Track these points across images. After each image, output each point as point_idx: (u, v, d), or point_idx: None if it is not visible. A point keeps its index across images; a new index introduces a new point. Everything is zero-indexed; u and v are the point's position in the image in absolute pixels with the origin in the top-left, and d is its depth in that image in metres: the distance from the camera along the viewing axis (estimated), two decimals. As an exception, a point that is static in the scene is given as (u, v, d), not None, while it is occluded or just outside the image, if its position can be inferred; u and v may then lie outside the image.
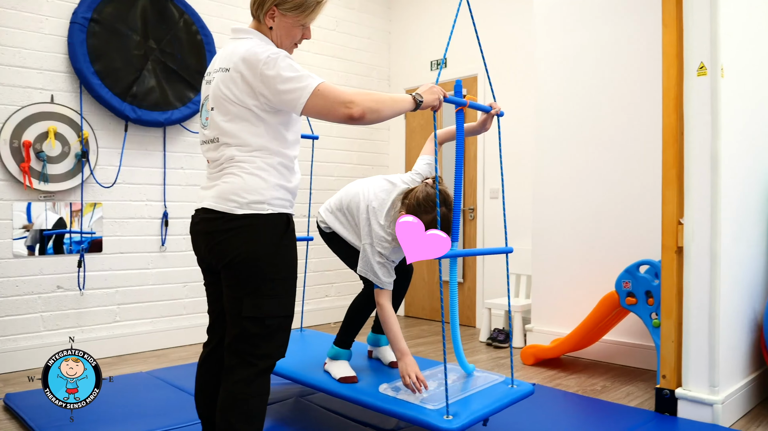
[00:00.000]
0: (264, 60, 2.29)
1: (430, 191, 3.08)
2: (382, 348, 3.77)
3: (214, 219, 2.40)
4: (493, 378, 3.32)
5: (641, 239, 4.79)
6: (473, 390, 3.12)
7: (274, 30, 2.49)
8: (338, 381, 3.33)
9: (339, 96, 2.32)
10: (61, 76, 5.06)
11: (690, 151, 3.64)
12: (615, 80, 5.00)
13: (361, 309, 3.53)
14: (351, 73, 7.22)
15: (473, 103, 3.05)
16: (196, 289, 5.83)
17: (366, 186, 3.37)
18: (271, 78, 2.28)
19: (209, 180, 2.50)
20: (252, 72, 2.31)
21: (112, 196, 5.32)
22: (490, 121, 3.33)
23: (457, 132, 3.13)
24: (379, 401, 3.03)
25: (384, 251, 3.19)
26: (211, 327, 2.71)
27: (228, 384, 2.42)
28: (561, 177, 5.33)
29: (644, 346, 4.83)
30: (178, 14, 5.60)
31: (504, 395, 3.10)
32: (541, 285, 5.47)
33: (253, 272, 2.37)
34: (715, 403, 3.51)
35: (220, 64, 2.44)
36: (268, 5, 2.45)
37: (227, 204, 2.36)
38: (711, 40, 3.55)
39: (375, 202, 3.26)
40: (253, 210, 2.35)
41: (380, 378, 3.40)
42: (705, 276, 3.58)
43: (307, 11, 2.49)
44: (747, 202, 3.92)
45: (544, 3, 5.51)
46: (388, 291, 3.25)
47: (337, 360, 3.48)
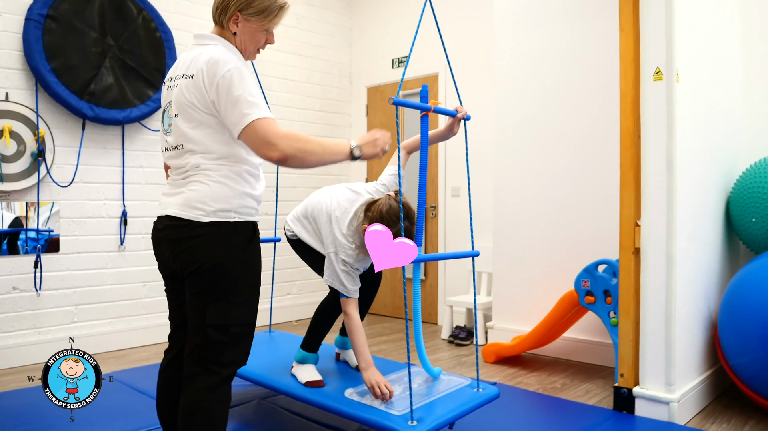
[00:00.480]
0: (223, 73, 2.28)
1: (394, 204, 3.11)
2: (349, 351, 3.81)
3: (179, 226, 2.38)
4: (458, 382, 3.35)
5: (600, 238, 4.86)
6: (438, 395, 3.15)
7: (237, 35, 2.49)
8: (304, 385, 3.34)
9: (265, 136, 2.26)
10: (16, 73, 4.98)
11: (647, 154, 3.70)
12: (574, 81, 5.06)
13: (327, 314, 3.54)
14: (313, 70, 7.21)
15: (438, 108, 3.06)
16: (155, 289, 5.78)
17: (330, 194, 3.39)
18: (224, 94, 2.28)
19: (172, 187, 2.48)
20: (210, 80, 2.30)
21: (69, 195, 5.25)
22: (458, 125, 3.34)
23: (422, 136, 3.14)
24: (345, 406, 3.05)
25: (348, 259, 3.21)
26: (172, 334, 2.70)
27: (190, 392, 2.40)
28: (521, 176, 5.38)
29: (602, 343, 4.91)
30: (137, 11, 5.54)
31: (469, 399, 3.13)
32: (502, 283, 5.52)
33: (219, 280, 2.37)
34: (671, 401, 3.59)
35: (183, 70, 2.43)
36: (231, 11, 2.45)
37: (193, 212, 2.36)
38: (667, 46, 3.61)
39: (338, 211, 3.28)
40: (220, 218, 2.35)
41: (347, 382, 3.42)
42: (662, 277, 3.65)
43: (270, 16, 2.49)
44: (703, 204, 4.00)
45: (504, 1, 5.53)
46: (354, 300, 3.28)
47: (304, 364, 3.50)
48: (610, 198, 4.76)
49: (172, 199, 2.44)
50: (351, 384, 3.34)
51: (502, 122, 5.52)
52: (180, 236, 2.39)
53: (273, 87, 6.73)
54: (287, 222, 3.60)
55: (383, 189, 3.40)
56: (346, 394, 3.17)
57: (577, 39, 5.04)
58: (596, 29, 4.91)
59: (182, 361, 2.62)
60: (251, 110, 2.26)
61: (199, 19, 6.09)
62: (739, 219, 4.20)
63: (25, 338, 5.00)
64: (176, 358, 2.66)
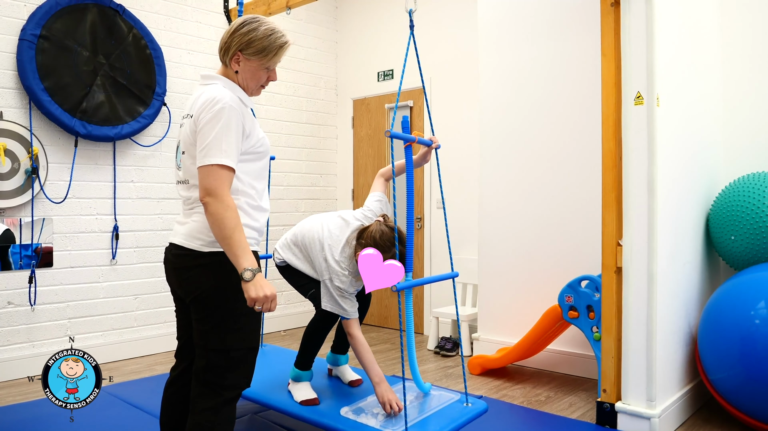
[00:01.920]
0: (210, 108, 2.42)
1: (385, 230, 3.28)
2: (341, 367, 3.93)
3: (183, 255, 2.54)
4: (448, 397, 3.49)
5: (582, 253, 4.98)
6: (430, 411, 3.28)
7: (239, 73, 2.62)
8: (300, 404, 3.45)
9: (210, 184, 2.36)
10: (10, 92, 5.05)
11: (628, 175, 3.82)
12: (556, 98, 5.18)
13: (317, 332, 3.64)
14: (299, 83, 7.30)
15: (421, 139, 3.28)
16: (147, 301, 5.87)
17: (321, 223, 3.53)
18: (202, 125, 2.42)
19: (183, 216, 2.65)
20: (198, 114, 2.46)
21: (62, 211, 5.33)
22: (429, 153, 3.60)
23: (407, 163, 3.32)
24: (340, 424, 3.16)
25: (342, 285, 3.35)
26: (178, 352, 2.84)
27: (195, 412, 2.53)
28: (504, 191, 5.49)
29: (585, 356, 5.03)
30: (127, 29, 5.62)
31: (459, 414, 3.27)
32: (486, 296, 5.63)
33: (218, 307, 2.49)
34: (653, 417, 3.70)
35: (188, 110, 2.58)
36: (232, 51, 2.58)
37: (195, 242, 2.51)
38: (647, 71, 3.74)
39: (329, 239, 3.42)
40: (217, 248, 2.48)
41: (341, 398, 3.54)
42: (643, 295, 3.77)
43: (269, 55, 2.61)
44: (683, 222, 4.13)
45: (489, 19, 5.65)
46: (355, 320, 3.44)
47: (299, 382, 3.60)
48: (591, 214, 4.89)
49: (181, 227, 2.60)
50: (345, 402, 3.45)
51: (486, 137, 5.62)
52: (183, 265, 2.55)
53: (260, 100, 6.81)
54: (276, 250, 3.72)
55: (371, 215, 3.55)
56: (341, 413, 3.28)
57: (559, 58, 5.16)
58: (578, 49, 5.03)
59: (187, 379, 2.77)
60: (215, 154, 2.38)
61: (187, 36, 6.18)
62: (719, 237, 4.33)
63: (20, 351, 5.07)
64: (181, 376, 2.80)
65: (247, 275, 2.32)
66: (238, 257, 2.34)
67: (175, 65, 6.08)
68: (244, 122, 2.49)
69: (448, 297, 6.44)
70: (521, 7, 5.41)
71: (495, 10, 5.60)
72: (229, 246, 2.35)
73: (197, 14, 6.28)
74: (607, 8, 3.92)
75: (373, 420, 3.16)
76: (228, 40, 2.59)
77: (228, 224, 2.33)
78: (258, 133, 2.60)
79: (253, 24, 2.58)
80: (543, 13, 5.26)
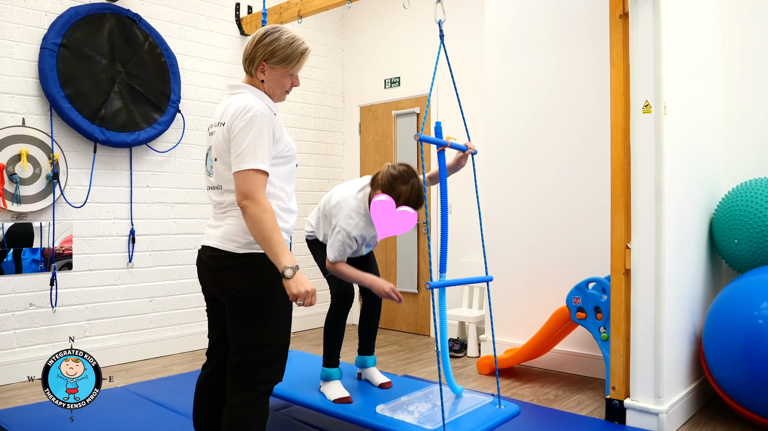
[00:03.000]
0: (243, 116, 2.56)
1: (399, 166, 3.43)
2: (369, 369, 4.02)
3: (218, 257, 2.68)
4: (481, 399, 3.59)
5: (587, 257, 5.13)
6: (464, 412, 3.38)
7: (265, 82, 2.77)
8: (333, 402, 3.57)
9: (248, 188, 2.50)
10: (32, 99, 5.19)
11: (636, 181, 3.97)
12: (560, 106, 5.33)
13: (335, 324, 3.79)
14: (307, 91, 7.44)
15: (454, 144, 3.39)
16: (161, 304, 6.01)
17: (342, 187, 3.70)
18: (236, 132, 2.56)
19: (215, 220, 2.78)
20: (231, 122, 2.60)
21: (81, 215, 5.47)
22: (465, 159, 3.64)
23: (440, 170, 3.46)
24: (378, 421, 3.27)
25: (347, 227, 3.48)
26: (209, 350, 2.98)
27: (231, 406, 2.67)
28: (510, 196, 5.64)
29: (592, 356, 5.18)
30: (143, 37, 5.76)
31: (492, 415, 3.37)
32: (494, 298, 5.75)
33: (253, 305, 2.63)
34: (660, 413, 3.86)
35: (219, 118, 2.71)
36: (258, 61, 2.74)
37: (230, 244, 2.65)
38: (655, 81, 3.90)
39: (346, 191, 3.60)
40: (252, 249, 2.63)
41: (372, 398, 3.65)
42: (651, 297, 3.92)
43: (293, 62, 2.77)
44: (688, 226, 4.28)
45: (495, 28, 5.80)
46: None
47: (330, 381, 3.73)
48: (595, 217, 5.05)
49: (214, 231, 2.74)
50: (377, 401, 3.57)
51: (492, 143, 5.77)
52: (218, 266, 2.68)
53: (271, 107, 6.93)
54: (307, 223, 3.93)
55: None
56: (377, 410, 3.40)
57: (563, 67, 5.31)
58: (582, 58, 5.18)
59: (218, 376, 2.91)
60: (250, 159, 2.52)
61: (200, 44, 6.33)
62: (722, 241, 4.49)
63: (41, 352, 5.19)
64: (212, 373, 2.93)
65: (288, 273, 2.46)
66: (278, 256, 2.48)
67: (188, 73, 6.22)
68: (274, 128, 2.63)
69: (453, 300, 6.57)
70: (526, 18, 5.57)
71: (501, 21, 5.76)
72: (269, 247, 2.49)
73: (210, 23, 6.43)
74: (616, 20, 4.07)
75: (410, 417, 3.27)
76: (252, 51, 2.73)
77: (267, 225, 2.47)
78: (286, 138, 2.74)
79: (275, 34, 2.73)
80: (547, 24, 5.42)
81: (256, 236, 2.51)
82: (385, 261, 7.35)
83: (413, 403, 3.50)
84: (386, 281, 3.47)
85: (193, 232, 6.25)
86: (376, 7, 7.54)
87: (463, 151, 3.59)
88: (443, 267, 3.39)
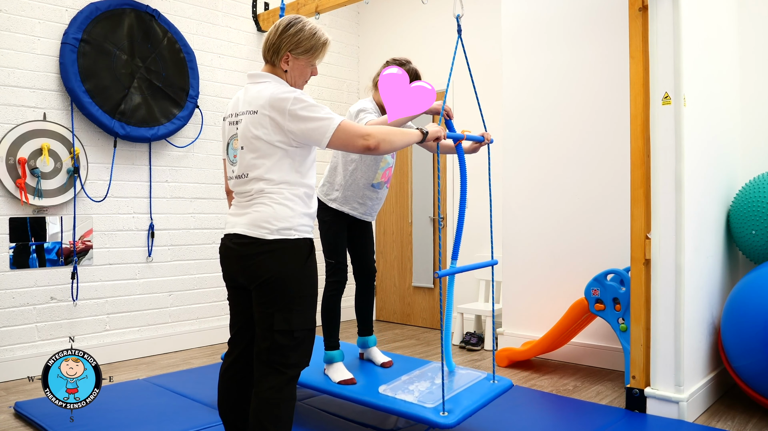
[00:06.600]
0: (291, 100, 2.62)
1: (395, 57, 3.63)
2: (371, 349, 4.13)
3: (247, 244, 2.70)
4: (476, 375, 3.75)
5: (604, 249, 5.16)
6: (460, 388, 3.51)
7: (288, 72, 2.82)
8: (338, 384, 3.66)
9: (358, 130, 2.67)
10: (53, 94, 5.25)
11: (656, 172, 4.01)
12: (578, 99, 5.36)
13: (330, 306, 3.89)
14: (322, 87, 7.48)
15: (470, 136, 3.44)
16: (180, 298, 6.06)
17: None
18: (300, 116, 2.61)
19: (238, 208, 2.80)
20: (280, 113, 2.62)
21: (102, 209, 5.53)
22: (479, 148, 3.84)
23: (460, 162, 3.53)
24: (381, 401, 3.40)
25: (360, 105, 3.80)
26: (232, 339, 2.99)
27: (260, 391, 2.70)
28: (527, 189, 5.68)
29: (611, 348, 5.20)
30: (162, 33, 5.81)
31: (488, 390, 3.53)
32: (510, 291, 5.80)
33: (283, 290, 2.67)
34: (681, 401, 3.89)
35: (246, 107, 2.74)
36: (282, 52, 2.79)
37: (259, 230, 2.67)
38: (674, 73, 3.93)
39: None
40: (282, 235, 2.66)
41: (375, 378, 3.76)
42: (671, 287, 3.96)
43: (316, 53, 2.84)
44: (705, 218, 4.31)
45: (512, 23, 5.84)
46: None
47: (333, 364, 3.81)
48: (611, 209, 5.09)
49: (239, 218, 2.75)
50: (380, 381, 3.69)
51: (509, 138, 5.80)
52: (247, 252, 2.70)
53: (287, 103, 6.98)
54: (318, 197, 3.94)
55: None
56: (380, 390, 3.50)
57: (579, 61, 5.34)
58: (598, 52, 5.21)
59: (242, 364, 2.93)
60: (331, 118, 2.64)
61: (218, 40, 6.38)
62: (740, 232, 4.51)
63: (62, 345, 5.23)
64: (236, 361, 2.95)
65: (425, 130, 3.01)
66: (411, 137, 2.90)
67: (206, 68, 6.27)
68: None
69: (470, 295, 6.60)
70: (542, 15, 5.60)
71: (517, 18, 5.80)
72: (403, 143, 2.87)
73: (227, 19, 6.47)
74: (635, 13, 4.10)
75: (411, 396, 3.39)
76: (277, 41, 2.78)
77: (393, 136, 2.79)
78: None
79: (298, 24, 2.78)
80: (563, 20, 5.46)
81: (396, 145, 2.82)
82: (401, 257, 7.39)
83: (413, 382, 3.62)
84: (432, 125, 3.12)
85: (211, 227, 6.29)
86: (392, 4, 7.57)
87: (480, 142, 3.67)
88: (455, 254, 3.44)
